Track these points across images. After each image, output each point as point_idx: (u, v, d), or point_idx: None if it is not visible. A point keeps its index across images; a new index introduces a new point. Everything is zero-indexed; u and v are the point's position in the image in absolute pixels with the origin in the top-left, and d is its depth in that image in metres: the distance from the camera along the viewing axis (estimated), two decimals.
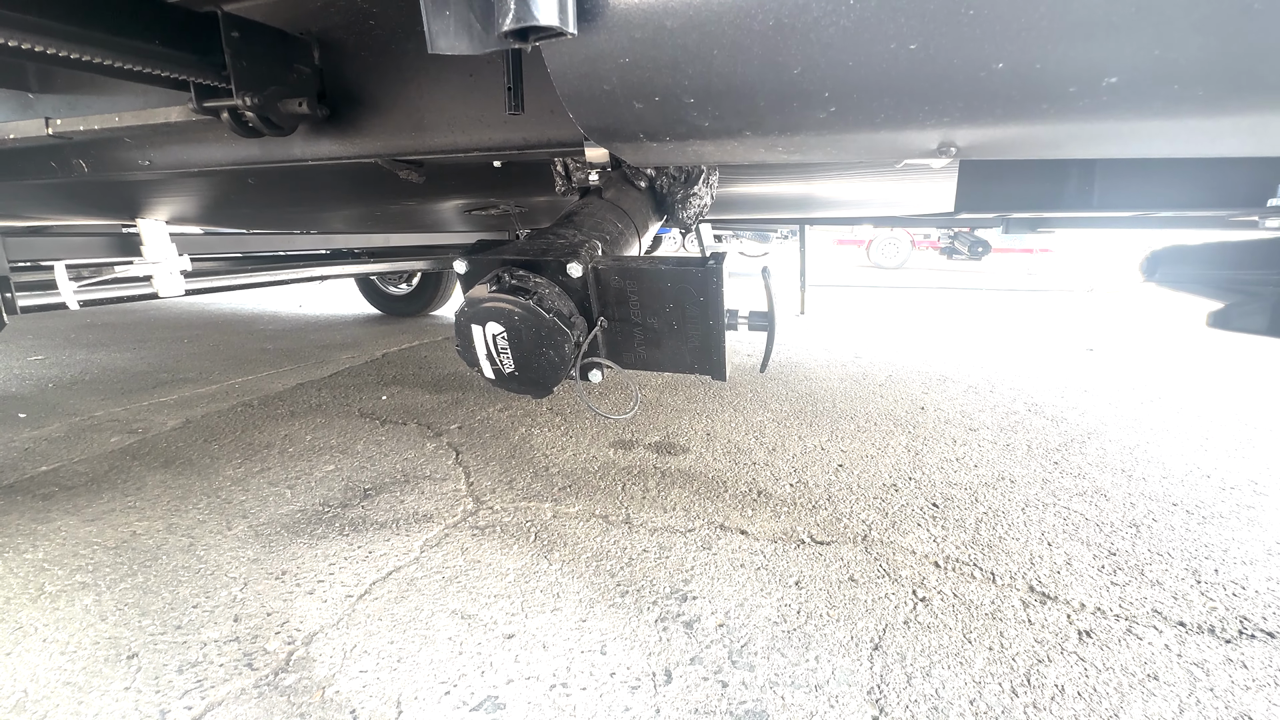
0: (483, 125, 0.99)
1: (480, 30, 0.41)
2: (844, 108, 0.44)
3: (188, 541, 1.33)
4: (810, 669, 0.97)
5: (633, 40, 0.43)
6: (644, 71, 0.44)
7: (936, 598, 1.15)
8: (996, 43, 0.38)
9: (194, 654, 0.99)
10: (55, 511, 1.46)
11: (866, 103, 0.44)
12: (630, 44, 0.43)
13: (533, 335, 0.77)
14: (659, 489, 1.60)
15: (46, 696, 0.90)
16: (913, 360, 3.11)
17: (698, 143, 0.51)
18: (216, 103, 0.97)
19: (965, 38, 0.38)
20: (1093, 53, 0.38)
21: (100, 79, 1.21)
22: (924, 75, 0.41)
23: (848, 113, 0.44)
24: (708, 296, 0.78)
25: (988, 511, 1.49)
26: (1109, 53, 0.38)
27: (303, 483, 1.62)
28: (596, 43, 0.43)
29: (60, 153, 1.37)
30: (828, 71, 0.42)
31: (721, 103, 0.46)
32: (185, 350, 3.28)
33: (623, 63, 0.44)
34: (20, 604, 1.11)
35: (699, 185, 1.01)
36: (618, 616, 1.09)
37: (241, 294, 5.56)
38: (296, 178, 1.49)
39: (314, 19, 1.05)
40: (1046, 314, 4.90)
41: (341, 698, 0.91)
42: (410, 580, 1.19)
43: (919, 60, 0.39)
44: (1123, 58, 0.38)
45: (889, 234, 10.64)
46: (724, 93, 0.45)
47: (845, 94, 0.43)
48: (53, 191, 1.88)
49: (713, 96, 0.45)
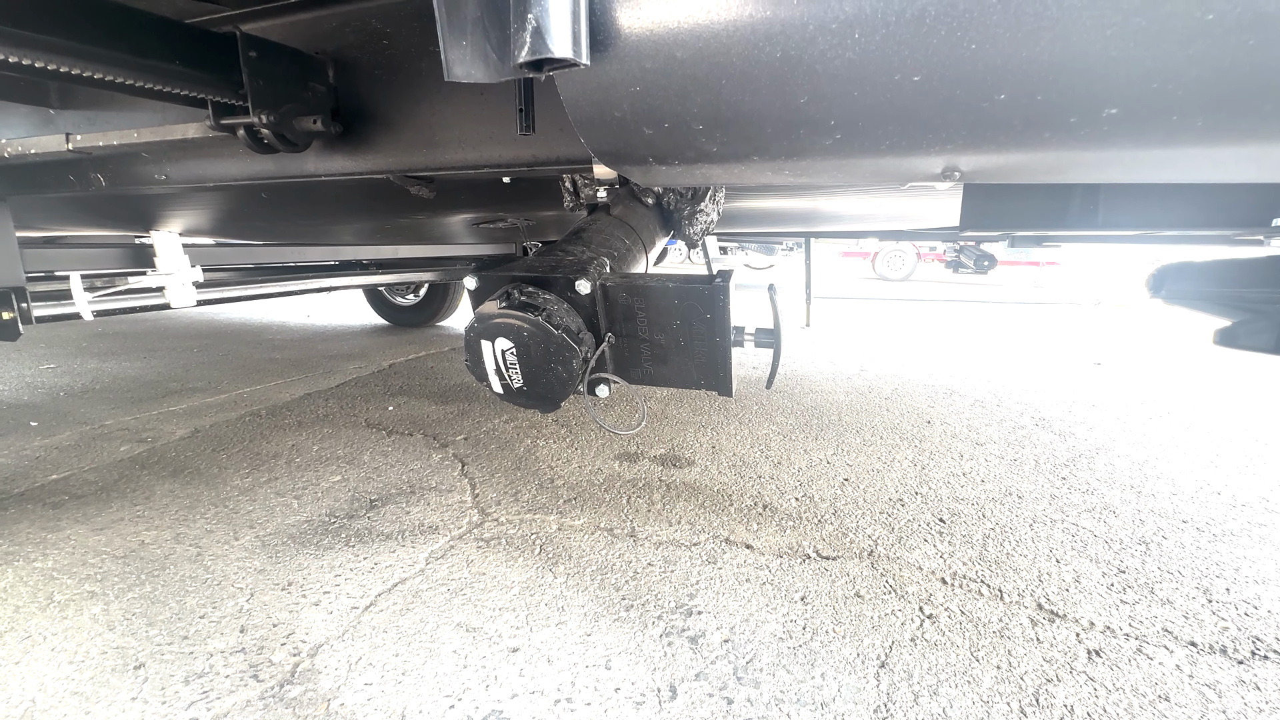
0: (493, 142, 1.01)
1: (496, 60, 0.42)
2: (849, 135, 0.45)
3: (195, 551, 1.33)
4: (816, 686, 0.97)
5: (644, 70, 0.44)
6: (654, 99, 0.45)
7: (944, 615, 1.14)
8: (998, 75, 0.39)
9: (200, 664, 1.00)
10: (65, 520, 1.47)
11: (871, 130, 0.45)
12: (641, 74, 0.44)
13: (541, 351, 0.78)
14: (664, 502, 1.60)
15: (54, 706, 0.91)
16: (919, 373, 3.10)
17: (705, 166, 0.52)
18: (233, 120, 0.99)
19: (968, 70, 0.39)
20: (1092, 84, 0.39)
21: (120, 96, 1.24)
22: (928, 105, 0.42)
23: (853, 140, 0.45)
24: (714, 313, 0.79)
25: (995, 527, 1.48)
26: (1108, 84, 0.39)
27: (309, 493, 1.63)
28: (609, 72, 0.45)
29: (79, 167, 1.40)
30: (833, 101, 0.43)
31: (729, 129, 0.47)
32: (194, 360, 3.31)
33: (633, 91, 0.45)
34: (29, 613, 1.12)
35: (705, 202, 1.02)
36: (623, 631, 1.09)
37: (250, 304, 5.61)
38: (308, 192, 1.52)
39: (329, 39, 1.07)
40: (1053, 327, 4.88)
41: (346, 710, 0.91)
42: (415, 592, 1.20)
43: (923, 91, 0.40)
44: (1122, 89, 0.39)
45: (895, 247, 10.65)
46: (732, 120, 0.46)
47: (850, 122, 0.44)
48: (69, 204, 1.91)
49: (721, 123, 0.46)
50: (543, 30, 0.38)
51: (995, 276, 10.83)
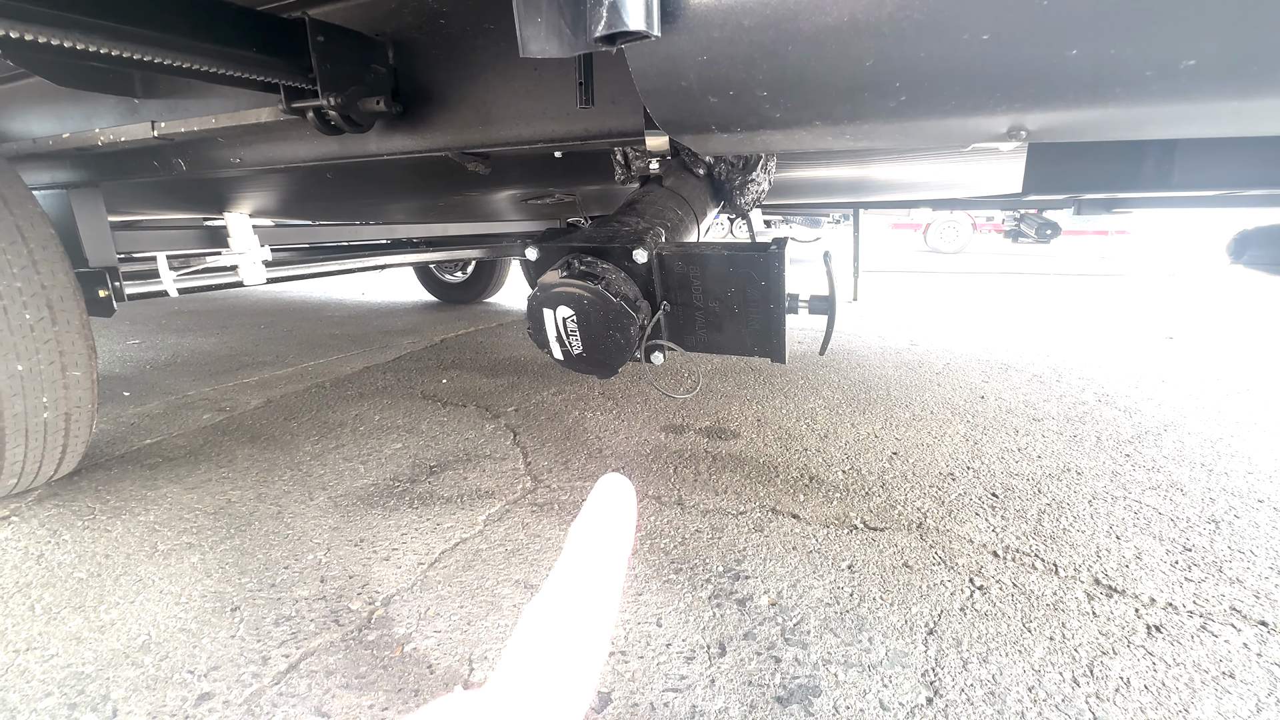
0: (547, 118, 1.03)
1: (570, 35, 0.44)
2: (914, 97, 0.45)
3: (276, 510, 1.45)
4: (863, 649, 0.99)
5: (711, 39, 0.45)
6: (720, 68, 0.46)
7: (995, 586, 1.14)
8: (1071, 30, 0.38)
9: (288, 609, 1.09)
10: (160, 479, 1.62)
11: (937, 91, 0.44)
12: (709, 43, 0.45)
13: (600, 318, 0.80)
14: (710, 472, 1.62)
15: (167, 640, 1.02)
16: (972, 348, 3.01)
17: (767, 133, 0.52)
18: (303, 103, 1.05)
19: (1039, 26, 0.38)
20: (1170, 36, 0.38)
21: (197, 84, 1.32)
22: (996, 64, 0.41)
23: (918, 101, 0.45)
24: (769, 281, 0.80)
25: (1051, 503, 1.45)
26: (1187, 36, 0.37)
27: (374, 459, 1.73)
28: (677, 43, 0.46)
29: (161, 153, 1.49)
30: (899, 63, 0.43)
31: (793, 95, 0.47)
32: (262, 335, 3.51)
33: (700, 60, 0.46)
34: (139, 559, 1.25)
35: (757, 171, 1.02)
36: (672, 592, 1.13)
37: (310, 282, 5.87)
38: (369, 171, 1.58)
39: (389, 20, 1.11)
40: (1122, 300, 4.62)
41: (419, 654, 0.98)
42: (475, 551, 1.27)
43: (991, 49, 0.40)
44: (1201, 40, 0.37)
45: (948, 217, 10.19)
46: (796, 85, 0.46)
47: (916, 84, 0.44)
48: (152, 189, 2.05)
49: (785, 89, 0.47)
50: (618, 4, 0.39)
51: (1058, 247, 10.25)
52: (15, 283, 1.27)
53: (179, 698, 0.90)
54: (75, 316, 1.39)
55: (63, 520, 1.41)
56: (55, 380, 1.36)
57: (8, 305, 1.26)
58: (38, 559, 1.25)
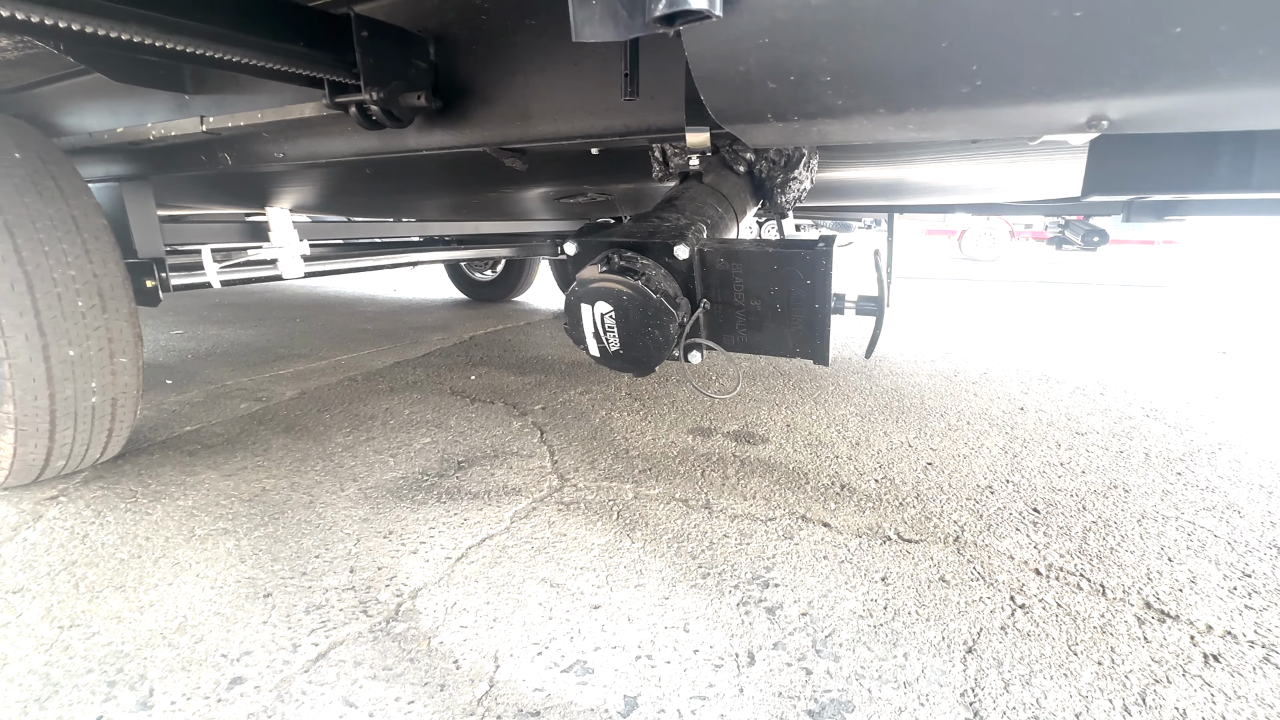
0: (585, 113, 1.03)
1: (626, 17, 0.43)
2: (991, 81, 0.42)
3: (308, 499, 1.47)
4: (898, 665, 0.95)
5: (774, 21, 0.43)
6: (782, 51, 0.44)
7: (1037, 606, 1.09)
8: (1176, 6, 0.35)
9: (318, 598, 1.10)
10: (199, 466, 1.66)
11: (1016, 75, 0.41)
12: (771, 25, 0.43)
13: (639, 315, 0.79)
14: (738, 477, 1.60)
15: (202, 623, 1.04)
16: (1010, 358, 2.91)
17: (824, 121, 0.50)
18: (346, 98, 1.06)
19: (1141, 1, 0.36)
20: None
21: (243, 80, 1.34)
22: (1086, 44, 0.38)
23: (994, 86, 0.43)
24: (815, 279, 0.77)
25: (1097, 521, 1.39)
26: None
27: (403, 452, 1.75)
28: (737, 25, 0.44)
29: (209, 147, 1.53)
30: (979, 44, 0.40)
31: (860, 80, 0.45)
32: (297, 329, 3.59)
33: (761, 44, 0.44)
34: (177, 543, 1.28)
35: (799, 169, 1.00)
36: (699, 597, 1.11)
37: (343, 277, 6.00)
38: (407, 167, 1.60)
39: (431, 16, 1.12)
40: (1169, 312, 4.43)
41: (445, 648, 0.98)
42: (502, 548, 1.27)
43: (1082, 29, 0.37)
44: None
45: (985, 224, 9.93)
46: (864, 70, 0.44)
47: (995, 67, 0.41)
48: (197, 183, 2.11)
49: (851, 74, 0.45)
50: None
51: (1100, 256, 9.91)
52: (69, 271, 1.32)
53: (212, 680, 0.92)
54: (124, 305, 1.43)
55: (106, 502, 1.45)
56: (104, 366, 1.40)
57: (61, 292, 1.31)
58: (83, 539, 1.29)
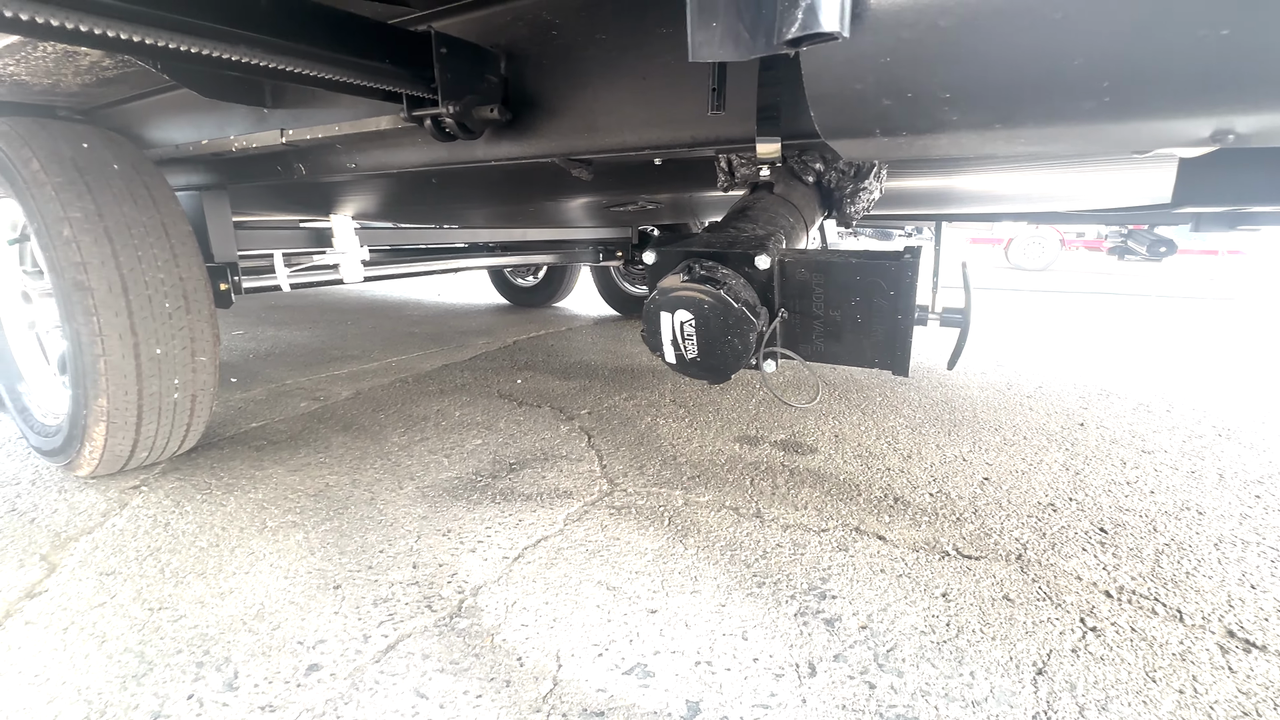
0: (652, 125, 1.05)
1: (748, 37, 0.44)
2: (1119, 98, 0.42)
3: (369, 496, 1.52)
4: (965, 684, 0.93)
5: (898, 40, 0.44)
6: (903, 69, 0.45)
7: (1110, 629, 1.05)
8: None
9: (384, 591, 1.14)
10: (266, 461, 1.74)
11: (1149, 93, 0.41)
12: (895, 44, 0.44)
13: (720, 323, 0.80)
14: (788, 486, 1.59)
15: (278, 611, 1.09)
16: (1066, 371, 2.81)
17: (933, 136, 0.51)
18: (423, 111, 1.11)
19: None
20: None
21: (320, 94, 1.41)
22: (1231, 60, 0.37)
23: (1122, 103, 0.42)
24: (899, 290, 0.77)
25: (1169, 543, 1.33)
26: None
27: (457, 453, 1.80)
28: (859, 44, 0.45)
29: (285, 158, 1.61)
30: (1115, 62, 0.40)
31: (982, 97, 0.45)
32: (349, 331, 3.72)
33: (883, 62, 0.45)
34: (250, 534, 1.34)
35: (870, 179, 0.99)
36: (756, 606, 1.11)
37: (389, 282, 6.18)
38: (470, 177, 1.65)
39: (502, 32, 1.16)
40: (1237, 326, 4.21)
41: (508, 646, 1.01)
42: (557, 550, 1.29)
43: (1230, 46, 0.37)
44: None
45: (1034, 233, 9.61)
46: (988, 87, 0.44)
47: (1127, 84, 0.41)
48: (268, 192, 2.21)
49: (973, 91, 0.45)
50: (814, 5, 0.39)
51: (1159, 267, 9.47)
52: (159, 274, 1.41)
53: (291, 666, 0.96)
54: (205, 306, 1.51)
55: (184, 493, 1.53)
56: (185, 364, 1.49)
57: (152, 294, 1.39)
58: (165, 526, 1.37)
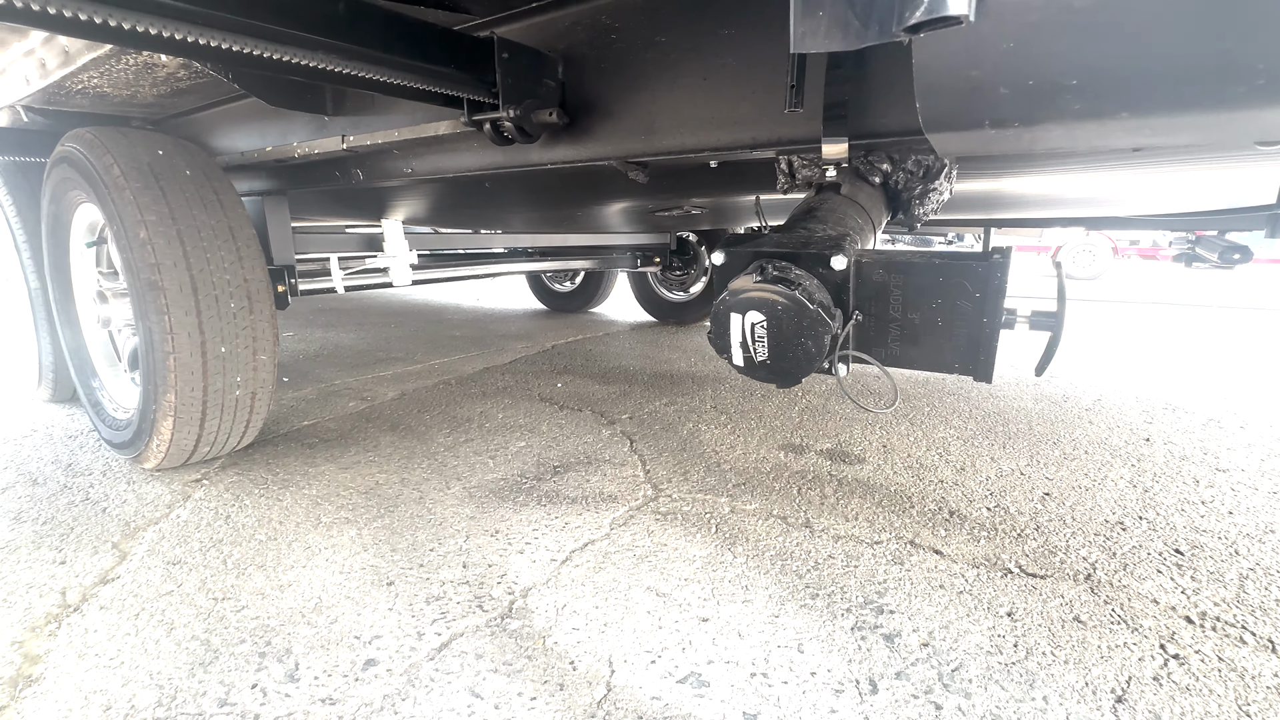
0: (711, 126, 1.04)
1: (859, 25, 0.43)
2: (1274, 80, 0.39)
3: (418, 495, 1.54)
4: (1038, 709, 0.89)
5: (1023, 25, 0.42)
6: (1028, 55, 0.43)
7: (1194, 658, 0.99)
8: None
9: (436, 589, 1.15)
10: (318, 458, 1.78)
11: None
12: (1020, 28, 0.42)
13: (793, 325, 0.79)
14: (837, 496, 1.55)
15: (335, 604, 1.11)
16: (1125, 384, 2.69)
17: (1046, 127, 0.48)
18: (483, 116, 1.12)
19: None
20: None
21: (378, 100, 1.45)
22: None
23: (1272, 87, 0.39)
24: (986, 293, 0.74)
25: (1254, 568, 1.25)
26: None
27: (501, 455, 1.81)
28: (981, 29, 0.43)
29: (344, 163, 1.66)
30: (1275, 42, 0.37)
31: (1114, 83, 0.43)
32: (393, 334, 3.81)
33: (1005, 48, 0.43)
34: (306, 529, 1.37)
35: (940, 179, 0.96)
36: (810, 617, 1.08)
37: (431, 286, 6.32)
38: (525, 179, 1.67)
39: (561, 38, 1.17)
40: None
41: (560, 649, 1.00)
42: (605, 554, 1.28)
43: None
44: None
45: (1084, 240, 9.25)
46: (1125, 72, 0.42)
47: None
48: (324, 197, 2.29)
49: (1105, 77, 0.43)
50: None
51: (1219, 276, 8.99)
52: (225, 275, 1.46)
53: (349, 660, 0.97)
54: (266, 307, 1.56)
55: (242, 487, 1.58)
56: (247, 363, 1.54)
57: (219, 295, 1.45)
58: (226, 519, 1.41)
